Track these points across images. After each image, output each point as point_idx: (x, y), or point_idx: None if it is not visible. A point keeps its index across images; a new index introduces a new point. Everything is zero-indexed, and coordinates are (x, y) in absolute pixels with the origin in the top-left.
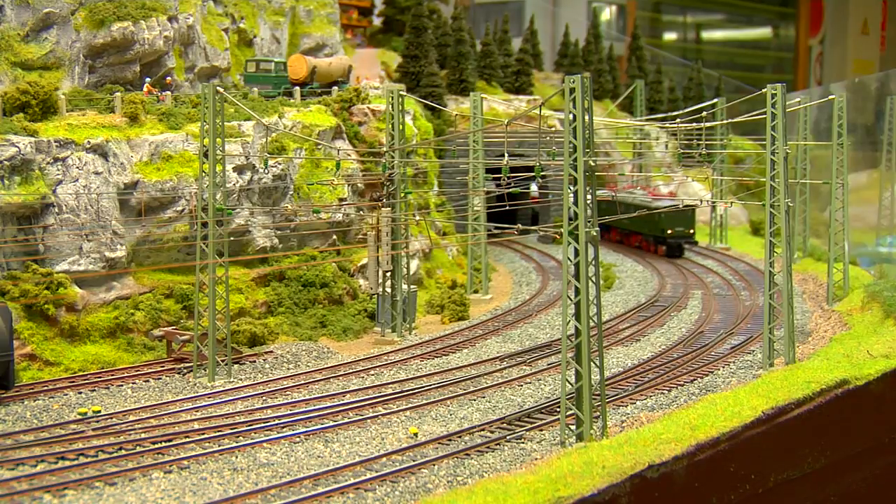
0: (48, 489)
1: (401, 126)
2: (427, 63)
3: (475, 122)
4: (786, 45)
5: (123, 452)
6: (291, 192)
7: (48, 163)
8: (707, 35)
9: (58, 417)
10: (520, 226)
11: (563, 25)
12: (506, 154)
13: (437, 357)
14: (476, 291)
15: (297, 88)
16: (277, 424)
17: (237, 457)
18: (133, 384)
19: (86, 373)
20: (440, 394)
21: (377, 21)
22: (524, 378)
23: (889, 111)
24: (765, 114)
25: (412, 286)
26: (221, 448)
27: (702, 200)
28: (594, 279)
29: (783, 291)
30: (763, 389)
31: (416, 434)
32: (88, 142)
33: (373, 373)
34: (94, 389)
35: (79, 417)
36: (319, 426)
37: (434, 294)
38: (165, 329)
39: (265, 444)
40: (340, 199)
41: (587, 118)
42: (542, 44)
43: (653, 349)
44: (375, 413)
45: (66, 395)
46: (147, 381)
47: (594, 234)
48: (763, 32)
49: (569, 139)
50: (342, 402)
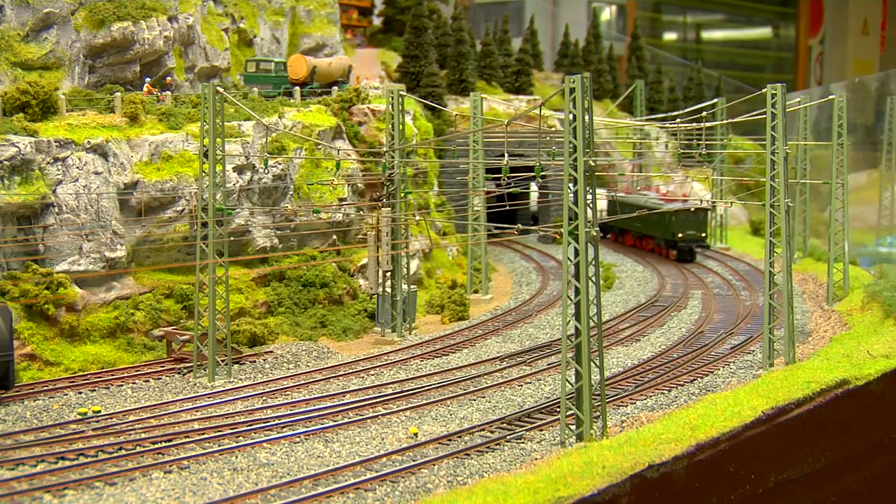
0: (48, 489)
1: (401, 126)
2: (427, 63)
3: (475, 122)
4: (786, 45)
5: (123, 452)
6: (291, 192)
7: (48, 163)
8: (707, 35)
9: (58, 417)
10: (520, 226)
11: (563, 25)
12: (506, 154)
13: (437, 357)
14: (476, 291)
15: (297, 88)
16: (277, 424)
17: (237, 457)
18: (133, 384)
19: (86, 373)
20: (440, 394)
21: (377, 21)
22: (524, 378)
23: (889, 111)
24: (765, 114)
25: (412, 286)
26: (221, 448)
27: (702, 200)
28: (594, 279)
29: (783, 291)
30: (763, 389)
31: (416, 434)
32: (88, 142)
33: (373, 373)
34: (94, 389)
35: (79, 417)
36: (319, 426)
37: (434, 294)
38: (165, 329)
39: (265, 444)
40: (340, 199)
41: (587, 118)
42: (542, 44)
43: (653, 349)
44: (375, 413)
45: (66, 395)
46: (147, 381)
47: (594, 234)
48: (763, 32)
49: (569, 139)
50: (342, 402)
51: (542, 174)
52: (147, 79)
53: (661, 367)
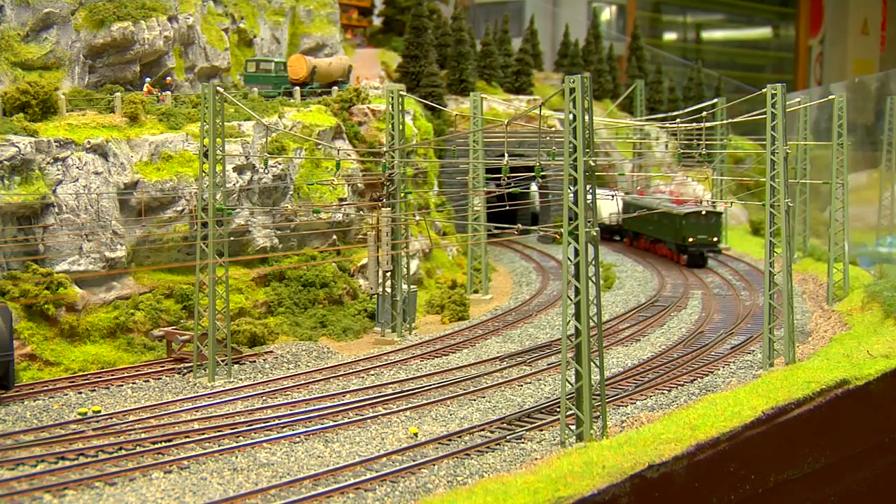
0: (48, 489)
1: (401, 126)
2: (427, 63)
3: (475, 122)
4: (786, 45)
5: (123, 452)
6: (291, 192)
7: (48, 163)
8: (707, 35)
9: (58, 417)
10: (520, 226)
11: (563, 25)
12: (506, 154)
13: (437, 357)
14: (476, 291)
15: (297, 88)
16: (277, 424)
17: (237, 457)
18: (133, 384)
19: (86, 373)
20: (440, 394)
21: (377, 21)
22: (524, 378)
23: (889, 111)
24: (765, 114)
25: (412, 286)
26: (221, 448)
27: (701, 200)
28: (594, 279)
29: (783, 291)
30: (763, 389)
31: (416, 434)
32: (88, 142)
33: (373, 373)
34: (94, 389)
35: (79, 417)
36: (319, 426)
37: (434, 294)
38: (165, 329)
39: (265, 444)
40: (340, 199)
41: (587, 118)
42: (542, 44)
43: (653, 349)
44: (375, 413)
45: (66, 395)
46: (147, 381)
47: (594, 234)
48: (763, 32)
49: (569, 139)
50: (342, 402)
51: (542, 174)
52: (147, 79)
53: (661, 367)
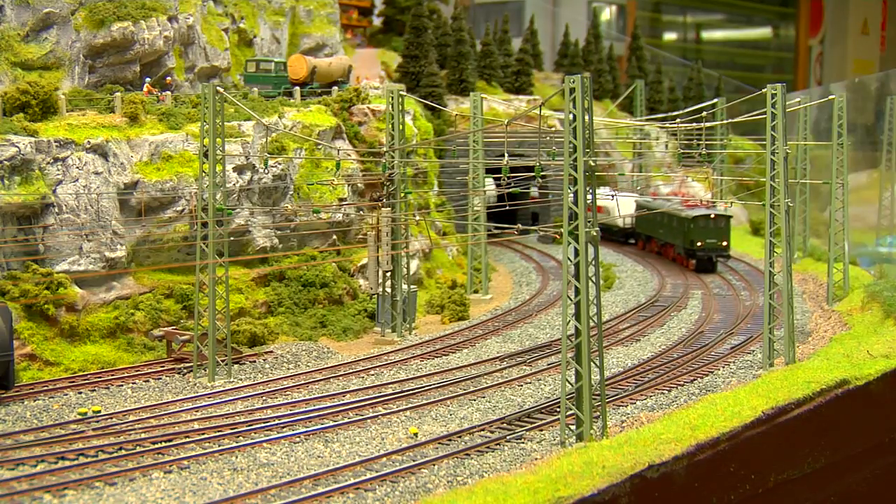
0: (48, 489)
1: (401, 126)
2: (427, 63)
3: (475, 122)
4: (786, 45)
5: (123, 452)
6: (291, 192)
7: (48, 163)
8: (707, 35)
9: (58, 417)
10: (520, 226)
11: (563, 25)
12: (506, 154)
13: (437, 357)
14: (476, 291)
15: (297, 88)
16: (277, 424)
17: (237, 457)
18: (133, 384)
19: (86, 373)
20: (440, 394)
21: (377, 21)
22: (524, 378)
23: (889, 111)
24: (765, 114)
25: (412, 286)
26: (221, 448)
27: (701, 200)
28: (594, 279)
29: (783, 291)
30: (763, 389)
31: (416, 434)
32: (88, 142)
33: (373, 373)
34: (94, 389)
35: (79, 417)
36: (319, 426)
37: (434, 294)
38: (165, 329)
39: (265, 444)
40: (340, 199)
41: (587, 118)
42: (542, 44)
43: (653, 349)
44: (375, 413)
45: (66, 395)
46: (147, 381)
47: (594, 234)
48: (763, 32)
49: (569, 139)
50: (342, 402)
51: (542, 174)
52: (147, 79)
53: (661, 367)
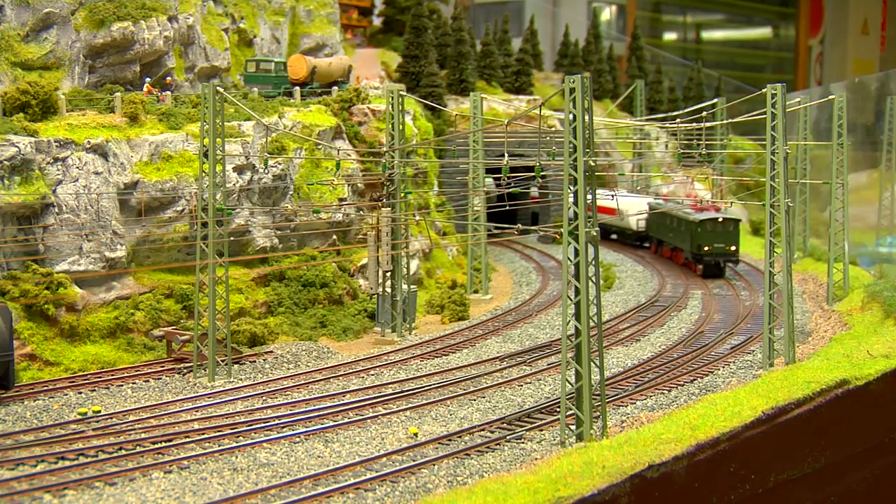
0: (48, 489)
1: (401, 126)
2: (427, 63)
3: (475, 122)
4: (786, 45)
5: (123, 452)
6: (291, 192)
7: (48, 163)
8: (707, 35)
9: (58, 417)
10: (520, 226)
11: (563, 25)
12: (506, 154)
13: (437, 357)
14: (476, 291)
15: (297, 88)
16: (277, 424)
17: (237, 457)
18: (133, 384)
19: (86, 373)
20: (440, 394)
21: (377, 21)
22: (524, 378)
23: (889, 111)
24: (765, 114)
25: (412, 286)
26: (221, 448)
27: (701, 200)
28: (594, 279)
29: (783, 291)
30: (763, 389)
31: (416, 434)
32: (88, 142)
33: (373, 373)
34: (94, 389)
35: (79, 417)
36: (319, 426)
37: (434, 294)
38: (165, 329)
39: (265, 444)
40: (340, 199)
41: (587, 118)
42: (542, 44)
43: (653, 349)
44: (375, 413)
45: (66, 395)
46: (147, 381)
47: (594, 234)
48: (763, 32)
49: (569, 139)
50: (342, 402)
51: (542, 174)
52: (147, 79)
53: (661, 367)
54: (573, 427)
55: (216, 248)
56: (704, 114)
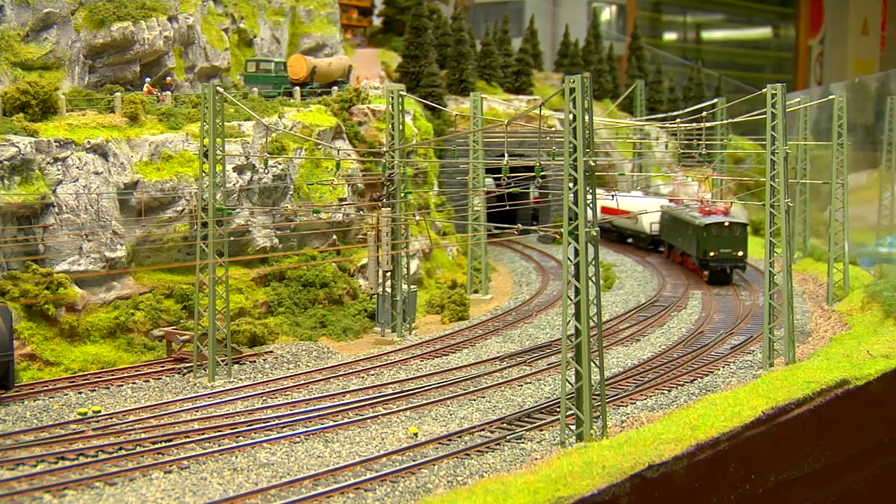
0: (48, 489)
1: (401, 126)
2: (427, 63)
3: (475, 122)
4: (786, 45)
5: (123, 452)
6: (291, 192)
7: (48, 163)
8: (707, 35)
9: (58, 417)
10: (520, 226)
11: (563, 25)
12: (506, 154)
13: (437, 357)
14: (476, 291)
15: (297, 88)
16: (277, 424)
17: (237, 457)
18: (133, 384)
19: (86, 373)
20: (440, 394)
21: (377, 21)
22: (524, 378)
23: (889, 111)
24: (765, 114)
25: (412, 286)
26: (221, 448)
27: (701, 200)
28: (594, 279)
29: (783, 291)
30: (763, 389)
31: (416, 434)
32: (88, 142)
33: (373, 373)
34: (94, 389)
35: (79, 417)
36: (319, 426)
37: (434, 294)
38: (165, 329)
39: (265, 444)
40: (340, 199)
41: (587, 118)
42: (542, 44)
43: (653, 349)
44: (375, 413)
45: (66, 395)
46: (147, 381)
47: (594, 234)
48: (763, 32)
49: (569, 139)
50: (342, 402)
51: (542, 174)
52: (147, 79)
53: (661, 367)
54: (573, 427)
55: (216, 248)
56: (704, 114)
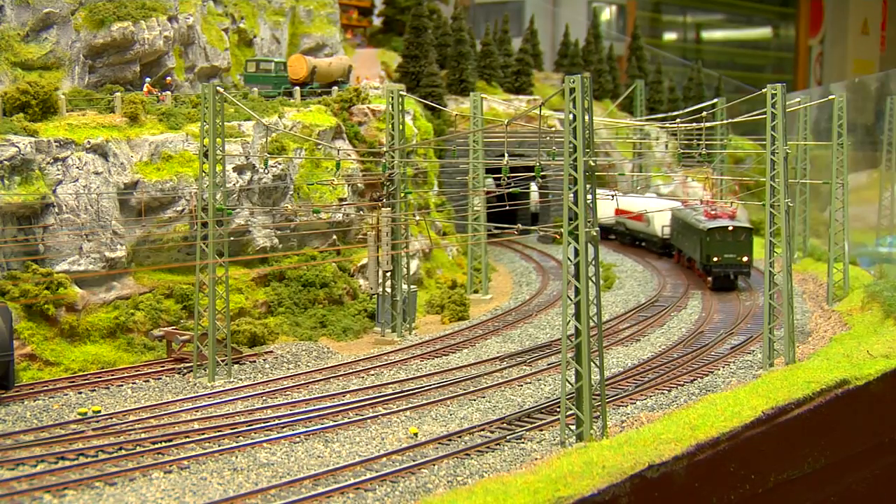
0: (48, 489)
1: (401, 126)
2: (427, 63)
3: (475, 122)
4: (786, 45)
5: (123, 452)
6: (291, 192)
7: (48, 163)
8: (707, 35)
9: (58, 417)
10: (520, 226)
11: (563, 25)
12: (506, 154)
13: (437, 357)
14: (476, 291)
15: (297, 88)
16: (277, 424)
17: (237, 457)
18: (133, 384)
19: (86, 373)
20: (440, 394)
21: (377, 21)
22: (524, 378)
23: (889, 111)
24: (765, 114)
25: (412, 286)
26: (221, 448)
27: (701, 200)
28: (594, 279)
29: (783, 291)
30: (763, 389)
31: (416, 434)
32: (88, 142)
33: (373, 373)
34: (94, 389)
35: (79, 417)
36: (319, 426)
37: (434, 294)
38: (165, 329)
39: (265, 444)
40: (340, 199)
41: (587, 118)
42: (542, 44)
43: (653, 349)
44: (375, 413)
45: (66, 395)
46: (147, 381)
47: (594, 234)
48: (763, 32)
49: (569, 139)
50: (342, 402)
51: (542, 174)
52: (147, 79)
53: (661, 367)
54: (573, 427)
55: (216, 248)
56: (704, 114)
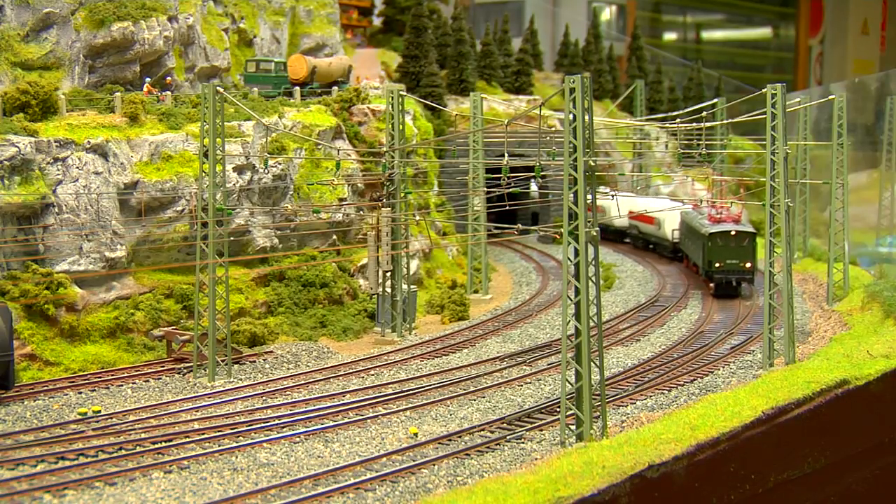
0: (48, 489)
1: (401, 126)
2: (427, 63)
3: (475, 122)
4: (786, 45)
5: (123, 452)
6: (291, 192)
7: (48, 163)
8: (707, 35)
9: (58, 417)
10: (520, 226)
11: (563, 25)
12: (506, 154)
13: (437, 357)
14: (476, 291)
15: (297, 88)
16: (277, 424)
17: (237, 457)
18: (133, 384)
19: (86, 373)
20: (440, 394)
21: (377, 21)
22: (524, 378)
23: (889, 111)
24: (765, 114)
25: (412, 286)
26: (221, 448)
27: (701, 200)
28: (594, 279)
29: (783, 291)
30: (763, 389)
31: (416, 434)
32: (88, 142)
33: (373, 373)
34: (94, 389)
35: (79, 417)
36: (319, 426)
37: (434, 294)
38: (165, 329)
39: (265, 444)
40: (340, 199)
41: (587, 118)
42: (542, 44)
43: (653, 349)
44: (375, 413)
45: (66, 395)
46: (147, 381)
47: (594, 234)
48: (763, 32)
49: (569, 139)
50: (342, 402)
51: (542, 174)
52: (147, 79)
53: (661, 367)
54: (573, 427)
55: (216, 248)
56: (704, 114)
